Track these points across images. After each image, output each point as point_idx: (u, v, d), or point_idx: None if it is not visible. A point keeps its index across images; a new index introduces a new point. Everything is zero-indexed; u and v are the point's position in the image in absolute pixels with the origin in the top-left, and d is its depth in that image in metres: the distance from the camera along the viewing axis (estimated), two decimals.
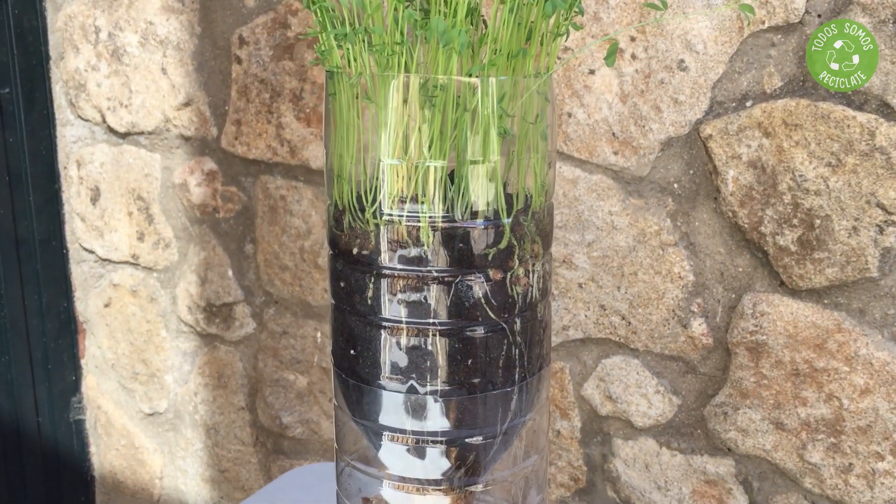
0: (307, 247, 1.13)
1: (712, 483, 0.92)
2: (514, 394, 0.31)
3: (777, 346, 0.85)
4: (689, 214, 0.88)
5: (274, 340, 1.20)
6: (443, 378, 0.30)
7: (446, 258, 0.29)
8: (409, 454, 0.31)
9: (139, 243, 1.27)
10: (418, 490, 0.32)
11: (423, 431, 0.31)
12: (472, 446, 0.31)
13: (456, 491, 0.33)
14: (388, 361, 0.30)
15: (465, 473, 0.32)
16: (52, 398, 1.37)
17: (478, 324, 0.30)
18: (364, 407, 0.32)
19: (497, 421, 0.31)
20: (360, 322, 0.31)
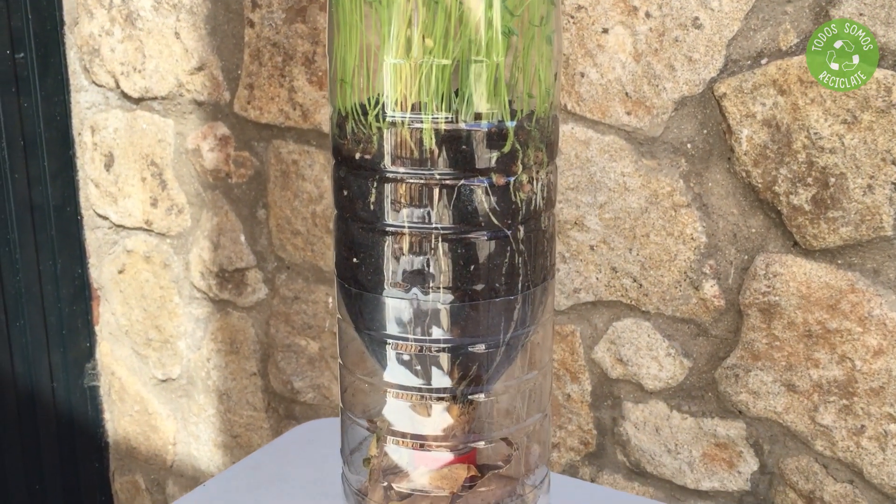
0: (319, 211, 1.13)
1: (723, 446, 0.92)
2: (517, 303, 0.31)
3: (790, 307, 0.85)
4: (703, 175, 0.88)
5: (286, 306, 1.20)
6: (445, 284, 0.30)
7: (449, 161, 0.29)
8: (412, 364, 0.31)
9: (152, 209, 1.28)
10: (421, 401, 0.32)
11: (425, 339, 0.31)
12: (474, 356, 0.31)
13: (459, 402, 0.32)
14: (390, 268, 0.30)
15: (468, 384, 0.32)
16: (66, 364, 1.38)
17: (481, 230, 0.30)
18: (366, 316, 0.32)
19: (500, 330, 0.31)
20: (363, 229, 0.31)
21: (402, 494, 0.34)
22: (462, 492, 0.33)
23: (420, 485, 0.34)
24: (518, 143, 0.29)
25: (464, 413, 0.33)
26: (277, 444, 0.77)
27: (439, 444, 0.33)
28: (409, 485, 0.34)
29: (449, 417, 0.33)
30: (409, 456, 0.34)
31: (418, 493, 0.34)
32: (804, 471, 0.88)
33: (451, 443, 0.33)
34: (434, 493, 0.33)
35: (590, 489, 0.71)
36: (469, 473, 0.33)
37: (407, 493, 0.34)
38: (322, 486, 0.68)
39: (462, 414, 0.33)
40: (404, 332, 0.31)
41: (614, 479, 1.00)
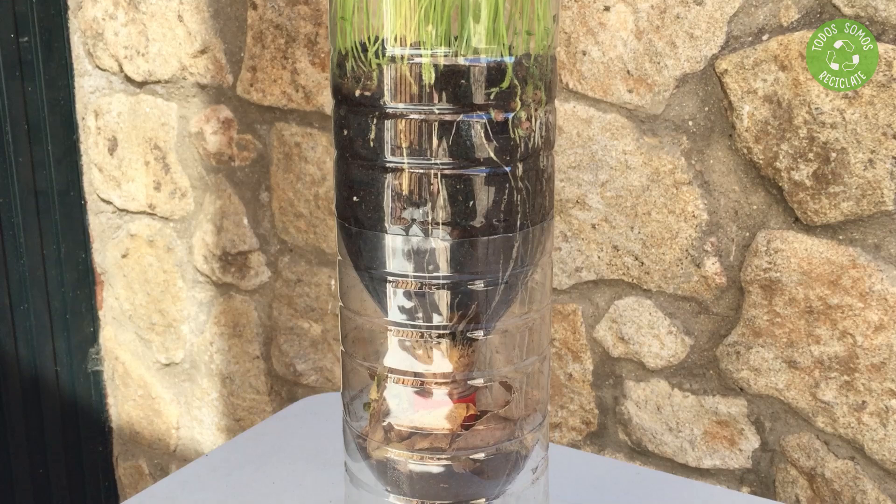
0: (322, 194, 1.14)
1: (724, 423, 0.92)
2: (515, 241, 0.31)
3: (791, 284, 0.85)
4: (704, 152, 0.88)
5: (288, 289, 1.20)
6: (444, 220, 0.30)
7: (448, 97, 0.29)
8: (412, 302, 0.32)
9: (156, 193, 1.28)
10: (421, 339, 0.33)
11: (424, 276, 0.31)
12: (474, 293, 0.31)
13: (459, 342, 0.33)
14: (389, 205, 0.30)
15: (467, 322, 0.32)
16: (70, 349, 1.38)
17: (480, 166, 0.30)
18: (366, 255, 0.32)
19: (499, 268, 0.31)
20: (363, 167, 0.31)
21: (403, 435, 0.34)
22: (462, 431, 0.34)
23: (420, 425, 0.34)
24: (517, 80, 0.29)
25: (464, 354, 0.33)
26: (279, 417, 0.78)
27: (439, 384, 0.33)
28: (409, 425, 0.34)
29: (449, 358, 0.33)
30: (410, 397, 0.34)
31: (418, 433, 0.34)
32: (805, 448, 0.89)
33: (451, 384, 0.33)
34: (434, 432, 0.34)
35: (591, 460, 0.71)
36: (469, 412, 0.34)
37: (407, 433, 0.34)
38: (323, 456, 0.68)
39: (462, 355, 0.33)
40: (404, 270, 0.31)
41: (616, 458, 1.00)
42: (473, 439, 0.34)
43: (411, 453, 0.34)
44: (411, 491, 0.34)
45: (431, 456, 0.34)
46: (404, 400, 0.34)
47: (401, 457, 0.34)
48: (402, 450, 0.34)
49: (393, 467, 0.34)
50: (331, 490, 0.64)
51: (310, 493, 0.64)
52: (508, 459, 0.35)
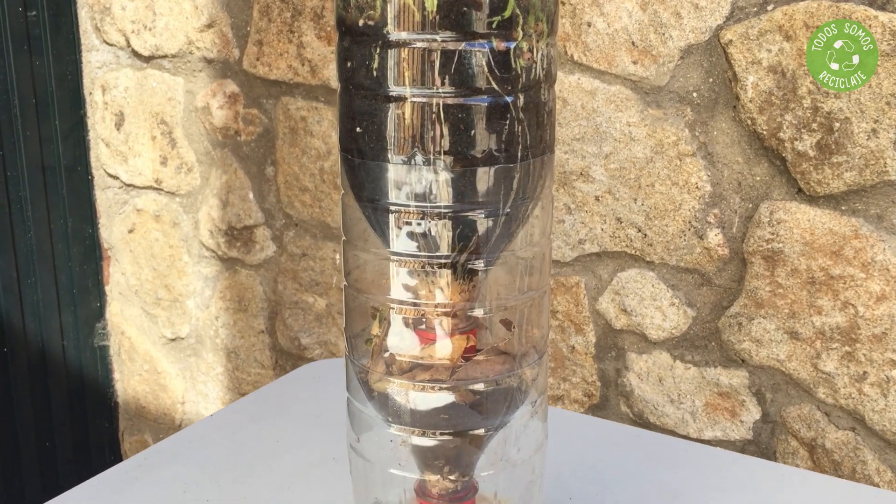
0: (327, 167, 1.14)
1: (725, 395, 0.93)
2: (516, 171, 0.32)
3: (793, 255, 0.85)
4: (708, 124, 0.88)
5: (293, 263, 1.21)
6: (446, 149, 0.31)
7: (450, 25, 0.30)
8: (414, 232, 0.32)
9: (162, 168, 1.29)
10: (422, 271, 0.33)
11: (426, 206, 0.32)
12: (475, 224, 0.32)
13: (460, 275, 0.33)
14: (392, 135, 0.31)
15: (468, 254, 0.32)
16: (77, 324, 1.39)
17: (481, 95, 0.30)
18: (369, 186, 0.33)
19: (500, 199, 0.32)
20: (366, 98, 0.32)
21: (404, 367, 0.35)
22: (462, 362, 0.34)
23: (421, 357, 0.34)
24: (518, 9, 0.30)
25: (465, 286, 0.34)
26: (282, 382, 0.79)
27: (440, 316, 0.34)
28: (410, 358, 0.34)
29: (450, 289, 0.34)
30: (411, 330, 0.34)
31: (419, 365, 0.34)
32: (806, 419, 0.89)
33: (452, 316, 0.34)
34: (435, 364, 0.34)
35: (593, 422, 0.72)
36: (469, 344, 0.34)
37: (408, 365, 0.35)
38: (326, 417, 0.69)
39: (463, 288, 0.34)
40: (406, 200, 0.32)
41: None
42: (473, 371, 0.34)
43: (412, 384, 0.34)
44: (412, 422, 0.35)
45: (432, 387, 0.34)
46: (405, 333, 0.34)
47: (402, 388, 0.35)
48: (403, 381, 0.34)
49: (394, 399, 0.35)
50: (334, 448, 0.65)
51: (313, 452, 0.64)
52: (508, 393, 0.36)
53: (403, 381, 0.34)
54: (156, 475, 0.62)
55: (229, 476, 0.62)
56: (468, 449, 0.35)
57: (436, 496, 0.38)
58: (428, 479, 0.37)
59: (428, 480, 0.37)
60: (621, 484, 0.60)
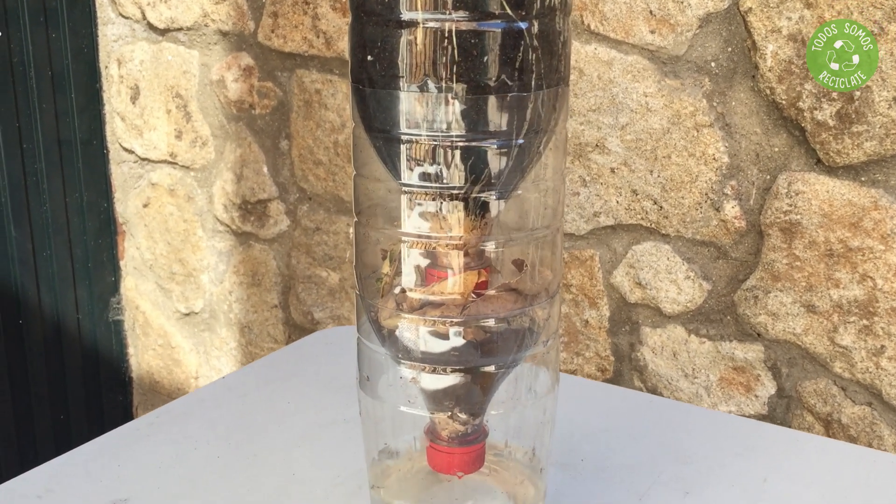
0: (341, 141, 1.14)
1: (740, 370, 0.92)
2: (529, 101, 0.31)
3: (811, 226, 0.84)
4: (726, 94, 0.87)
5: (307, 237, 1.21)
6: (458, 75, 0.30)
7: None
8: (425, 163, 0.32)
9: (177, 142, 1.29)
10: (434, 204, 0.33)
11: (438, 135, 0.31)
12: (487, 155, 0.31)
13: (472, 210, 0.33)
14: (404, 61, 0.30)
15: (480, 186, 0.32)
16: (92, 298, 1.40)
17: (495, 20, 0.30)
18: (380, 116, 0.32)
19: (513, 129, 0.31)
20: (378, 24, 0.31)
21: (414, 305, 0.34)
22: (473, 298, 0.34)
23: (432, 293, 0.34)
24: None
25: (477, 220, 0.33)
26: (294, 347, 0.79)
27: (452, 250, 0.33)
28: (421, 294, 0.34)
29: (462, 223, 0.33)
30: (422, 265, 0.34)
31: (430, 301, 0.34)
32: (822, 393, 0.88)
33: (464, 250, 0.33)
34: (446, 300, 0.34)
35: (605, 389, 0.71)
36: (480, 279, 0.34)
37: (419, 302, 0.34)
38: (338, 381, 0.69)
39: (475, 222, 0.33)
40: (417, 130, 0.31)
41: None
42: (485, 307, 0.34)
43: (423, 320, 0.34)
44: (422, 358, 0.34)
45: (443, 322, 0.34)
46: (416, 269, 0.34)
47: (412, 324, 0.34)
48: (413, 317, 0.34)
49: (404, 335, 0.35)
50: (345, 410, 0.64)
51: (324, 413, 0.64)
52: (519, 332, 0.35)
53: (414, 317, 0.34)
54: (167, 433, 0.62)
55: (240, 435, 0.61)
56: (478, 388, 0.35)
57: (446, 439, 0.37)
58: (438, 420, 0.37)
59: (438, 423, 0.37)
60: (633, 447, 0.60)
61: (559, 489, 0.54)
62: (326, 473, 0.56)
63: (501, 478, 0.40)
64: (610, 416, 0.65)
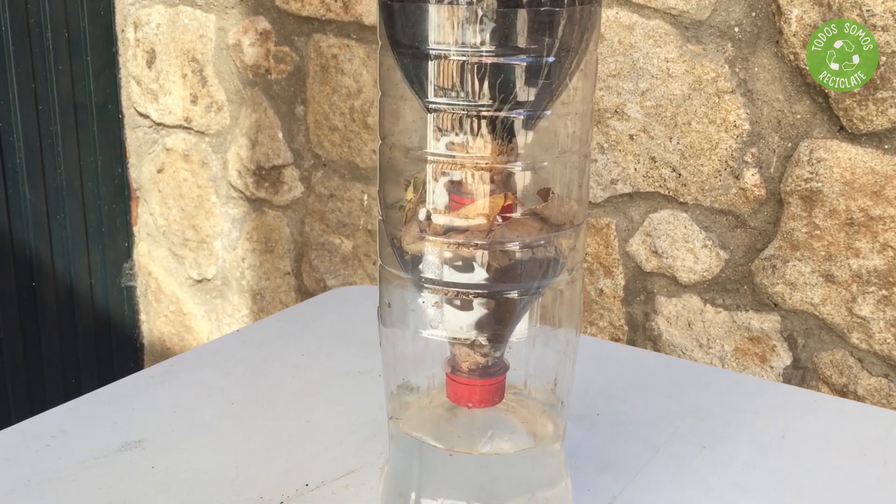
0: (357, 106, 1.13)
1: (756, 340, 0.91)
2: (561, 17, 0.30)
3: (832, 195, 0.83)
4: (749, 60, 0.86)
5: (321, 204, 1.20)
6: None
7: None
8: (452, 80, 0.31)
9: (192, 106, 1.28)
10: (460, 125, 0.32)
11: (466, 51, 0.31)
12: (516, 72, 0.31)
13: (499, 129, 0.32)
14: None
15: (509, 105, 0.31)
16: (105, 263, 1.40)
17: None
18: (407, 31, 0.32)
19: (543, 46, 0.31)
20: None
21: (438, 231, 0.34)
22: (498, 222, 0.33)
23: (457, 217, 0.33)
24: None
25: (504, 145, 0.33)
26: (309, 303, 0.78)
27: (478, 171, 0.33)
28: (445, 220, 0.34)
29: (489, 144, 0.33)
30: (447, 190, 0.33)
31: (455, 226, 0.34)
32: (838, 365, 0.87)
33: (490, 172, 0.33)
34: (471, 225, 0.33)
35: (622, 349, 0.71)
36: (507, 202, 0.33)
37: (443, 228, 0.34)
38: (352, 335, 0.69)
39: (502, 148, 0.33)
40: (446, 46, 0.30)
41: None
42: (510, 233, 0.33)
43: (446, 243, 0.34)
44: (445, 283, 0.34)
45: (467, 246, 0.33)
46: (441, 192, 0.34)
47: (435, 247, 0.34)
48: (437, 239, 0.34)
49: (427, 259, 0.34)
50: (359, 362, 0.64)
51: (338, 365, 0.64)
52: (543, 259, 0.35)
53: (437, 240, 0.34)
54: (181, 380, 0.62)
55: (254, 384, 0.61)
56: (500, 314, 0.34)
57: (466, 371, 0.37)
58: (458, 352, 0.36)
59: (458, 354, 0.37)
60: (649, 404, 0.59)
61: (576, 441, 0.53)
62: (340, 421, 0.56)
63: (521, 415, 0.39)
64: (626, 375, 0.64)
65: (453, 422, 0.38)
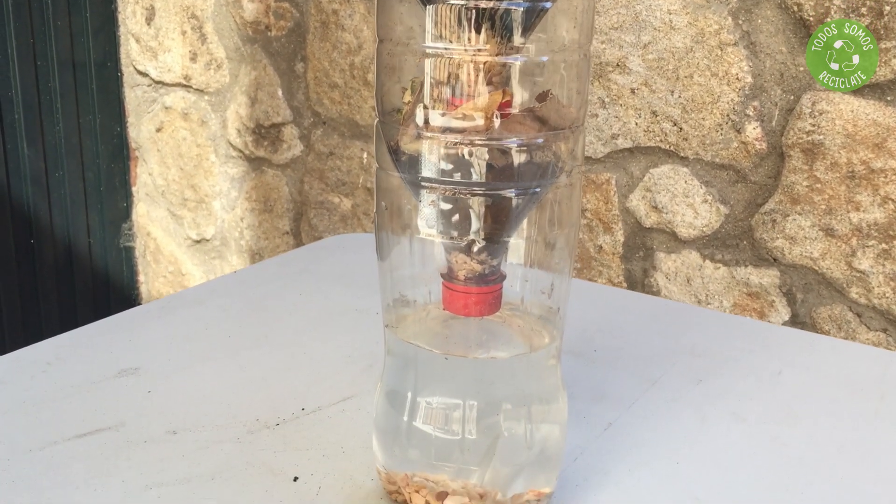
0: (357, 63, 1.13)
1: (754, 295, 0.91)
2: None
3: (834, 147, 0.83)
4: (752, 12, 0.85)
5: (320, 162, 1.20)
6: None
7: None
8: None
9: (192, 64, 1.28)
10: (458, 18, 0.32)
11: None
12: None
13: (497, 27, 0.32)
14: None
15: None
16: (103, 223, 1.40)
17: None
18: None
19: None
20: None
21: (436, 127, 0.34)
22: (496, 117, 0.33)
23: (454, 117, 0.33)
24: None
25: (503, 46, 0.32)
26: (307, 248, 0.78)
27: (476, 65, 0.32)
28: (443, 115, 0.33)
29: (488, 39, 0.32)
30: (445, 85, 0.33)
31: (452, 125, 0.33)
32: (837, 319, 0.87)
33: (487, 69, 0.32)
34: (468, 125, 0.33)
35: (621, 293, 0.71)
36: (505, 98, 0.33)
37: (441, 128, 0.33)
38: (350, 278, 0.68)
39: (501, 47, 0.32)
40: None
41: None
42: (507, 130, 0.33)
43: (443, 140, 0.33)
44: (442, 181, 0.34)
45: (466, 143, 0.33)
46: (440, 88, 0.33)
47: (433, 144, 0.34)
48: (434, 135, 0.33)
49: (424, 157, 0.34)
50: (357, 302, 0.64)
51: (336, 304, 0.64)
52: (541, 160, 0.34)
53: (434, 134, 0.33)
54: (178, 315, 0.61)
55: (251, 319, 0.61)
56: (497, 215, 0.34)
57: (462, 279, 0.37)
58: (455, 259, 0.36)
59: (455, 261, 0.36)
60: (646, 342, 0.59)
61: (572, 374, 0.53)
62: (337, 353, 0.56)
63: (516, 326, 0.39)
64: (624, 316, 0.64)
65: (449, 331, 0.38)
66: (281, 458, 0.44)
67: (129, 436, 0.46)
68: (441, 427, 0.37)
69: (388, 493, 0.41)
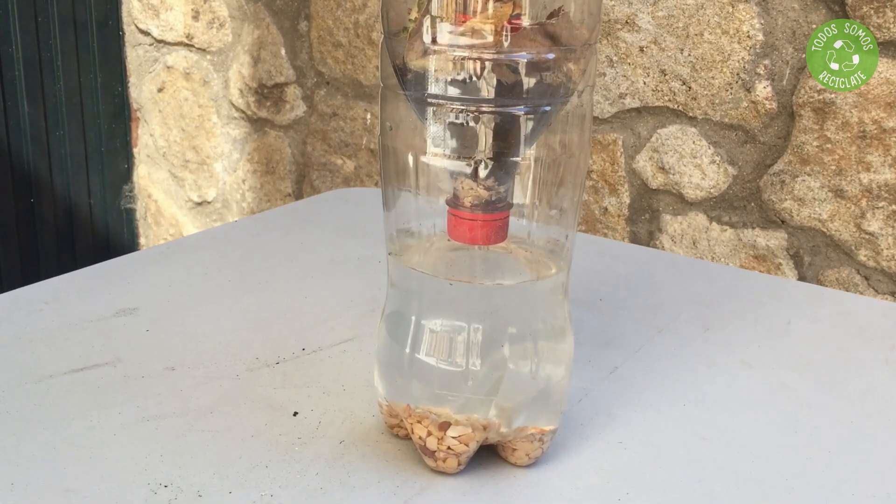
0: (362, 21, 1.11)
1: (761, 258, 0.90)
2: None
3: (845, 106, 0.81)
4: None
5: (323, 123, 1.19)
6: None
7: None
8: None
9: (194, 22, 1.26)
10: None
11: None
12: None
13: None
14: None
15: None
16: (104, 184, 1.39)
17: None
18: None
19: None
20: None
21: (443, 44, 0.32)
22: (506, 33, 0.32)
23: (462, 31, 0.32)
24: None
25: None
26: (309, 200, 0.77)
27: None
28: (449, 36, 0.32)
29: None
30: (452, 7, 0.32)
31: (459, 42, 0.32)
32: (844, 282, 0.86)
33: None
34: (476, 41, 0.32)
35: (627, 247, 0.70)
36: (515, 11, 0.32)
37: (449, 41, 0.32)
38: (353, 229, 0.68)
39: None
40: None
41: None
42: (517, 45, 0.32)
43: (452, 55, 0.32)
44: (450, 98, 0.32)
45: (473, 59, 0.32)
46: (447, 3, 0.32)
47: (441, 59, 0.32)
48: (442, 48, 0.32)
49: (431, 73, 0.33)
50: (360, 251, 0.63)
51: (338, 252, 0.63)
52: (552, 80, 0.33)
53: (442, 49, 0.32)
54: (178, 260, 0.60)
55: (252, 265, 0.60)
56: (504, 134, 0.33)
57: (468, 206, 0.36)
58: (461, 185, 0.35)
59: (461, 188, 0.35)
60: (650, 291, 0.58)
61: (578, 321, 0.52)
62: (338, 298, 0.55)
63: (522, 257, 0.38)
64: (630, 267, 0.63)
65: (454, 260, 0.37)
66: (281, 394, 0.43)
67: (127, 371, 0.45)
68: (445, 359, 0.36)
69: (390, 428, 0.40)
